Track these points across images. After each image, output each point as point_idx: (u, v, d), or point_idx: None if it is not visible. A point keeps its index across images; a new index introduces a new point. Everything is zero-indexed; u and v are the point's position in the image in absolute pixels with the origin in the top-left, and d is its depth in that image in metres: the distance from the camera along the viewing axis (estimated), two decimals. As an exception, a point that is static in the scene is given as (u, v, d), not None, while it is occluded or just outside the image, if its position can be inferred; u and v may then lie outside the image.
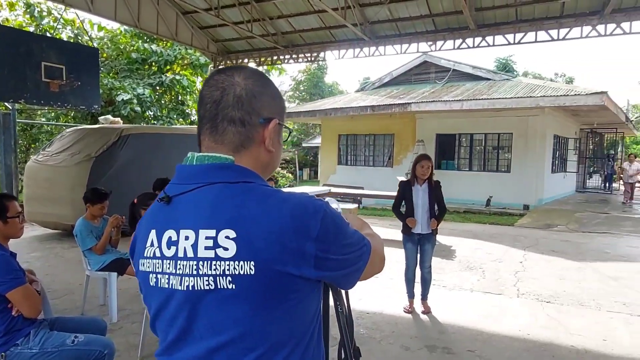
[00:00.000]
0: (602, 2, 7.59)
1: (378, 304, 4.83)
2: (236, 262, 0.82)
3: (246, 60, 11.96)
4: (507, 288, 5.51)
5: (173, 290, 0.87)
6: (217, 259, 0.83)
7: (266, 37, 10.38)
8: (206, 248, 0.84)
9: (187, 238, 0.86)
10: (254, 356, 0.84)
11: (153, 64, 16.68)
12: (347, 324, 1.33)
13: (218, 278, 0.83)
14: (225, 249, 0.82)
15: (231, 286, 0.82)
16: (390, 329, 4.18)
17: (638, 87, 54.23)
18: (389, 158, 15.70)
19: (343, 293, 1.35)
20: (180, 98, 17.07)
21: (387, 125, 15.28)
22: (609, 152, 20.48)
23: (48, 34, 12.63)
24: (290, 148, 28.68)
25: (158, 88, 16.41)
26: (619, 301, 5.04)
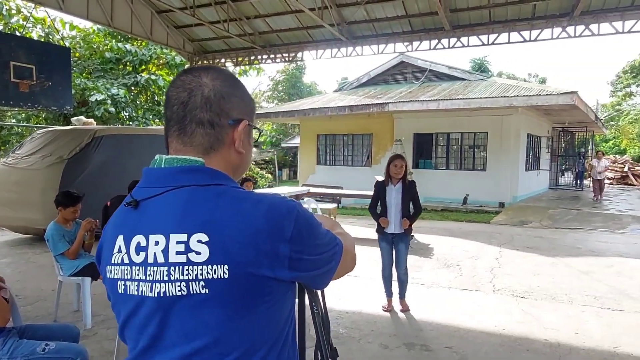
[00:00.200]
0: (572, 5, 7.81)
1: (357, 304, 4.86)
2: (209, 267, 0.80)
3: (223, 60, 11.86)
4: (484, 284, 5.62)
5: (143, 297, 0.85)
6: (189, 264, 0.81)
7: (243, 37, 10.31)
8: (177, 253, 0.82)
9: (157, 243, 0.84)
10: None
11: (128, 64, 16.37)
12: (323, 325, 1.33)
13: (190, 283, 0.81)
14: (197, 253, 0.81)
15: (204, 291, 0.81)
16: (369, 328, 4.21)
17: (607, 87, 56.08)
18: (368, 158, 15.80)
19: (319, 293, 1.35)
20: (156, 98, 16.80)
21: (366, 125, 15.38)
22: (580, 150, 21.09)
23: (17, 33, 12.27)
24: (269, 148, 28.57)
25: (133, 88, 16.11)
26: (590, 295, 5.20)
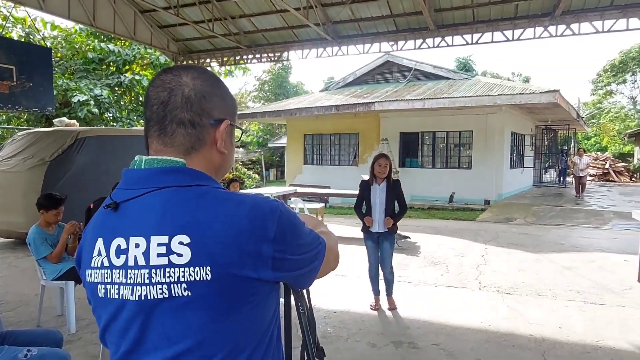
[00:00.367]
0: (553, 4, 7.94)
1: (345, 303, 4.87)
2: (191, 268, 0.80)
3: (208, 60, 11.78)
4: (470, 281, 5.68)
5: (124, 300, 0.84)
6: (171, 266, 0.80)
7: (228, 37, 10.25)
8: (159, 255, 0.81)
9: (138, 245, 0.83)
10: None
11: (111, 64, 16.16)
12: (309, 324, 1.33)
13: (172, 286, 0.80)
14: (179, 255, 0.80)
15: (186, 293, 0.80)
16: (357, 327, 4.22)
17: (588, 86, 57.13)
18: (354, 157, 15.84)
19: (304, 293, 1.34)
20: (140, 99, 16.62)
21: (352, 124, 15.42)
22: (563, 148, 21.43)
23: (-4, 33, 11.99)
24: (256, 149, 28.46)
25: (117, 89, 15.91)
26: (574, 290, 5.29)
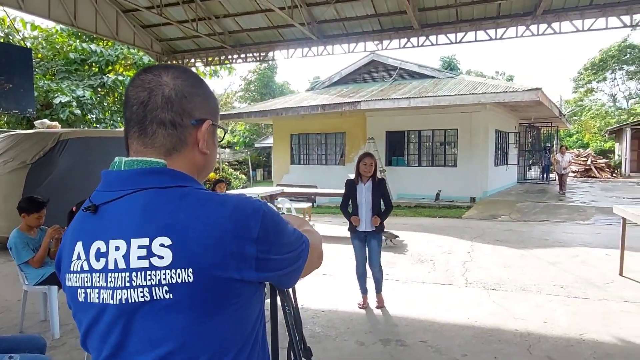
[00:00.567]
0: (534, 4, 8.06)
1: (333, 302, 4.87)
2: (173, 271, 0.79)
3: (193, 60, 11.68)
4: (456, 278, 5.73)
5: (104, 304, 0.83)
6: (152, 269, 0.79)
7: (213, 37, 10.18)
8: (139, 258, 0.80)
9: (118, 248, 0.82)
10: None
11: (93, 65, 15.93)
12: (296, 324, 1.32)
13: (154, 288, 0.79)
14: (160, 258, 0.79)
15: (168, 296, 0.79)
16: (345, 326, 4.23)
17: (570, 84, 58.19)
18: (341, 156, 15.87)
19: (290, 292, 1.34)
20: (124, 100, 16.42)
21: (338, 123, 15.45)
22: (546, 145, 21.76)
23: (-27, 33, 11.74)
24: (242, 149, 28.32)
25: (100, 90, 15.68)
26: (557, 284, 5.38)
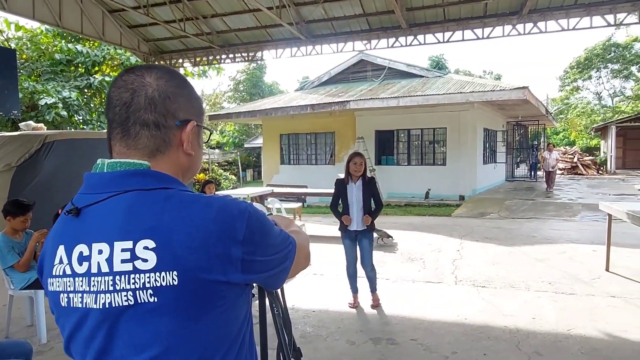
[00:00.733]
0: (520, 3, 8.14)
1: (324, 302, 4.87)
2: (157, 274, 0.78)
3: (181, 60, 11.61)
4: (446, 276, 5.77)
5: (88, 309, 0.81)
6: (136, 272, 0.78)
7: (201, 37, 10.12)
8: (123, 261, 0.79)
9: (101, 252, 0.81)
10: None
11: (79, 65, 15.72)
12: (284, 325, 1.32)
13: (138, 292, 0.78)
14: (144, 261, 0.78)
15: (153, 299, 0.78)
16: (336, 326, 4.23)
17: (556, 82, 58.94)
18: (331, 156, 15.88)
19: (279, 293, 1.34)
20: (111, 101, 16.22)
21: (328, 123, 15.46)
22: (533, 143, 22.00)
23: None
24: (232, 149, 28.20)
25: (86, 91, 15.49)
26: (545, 281, 5.44)
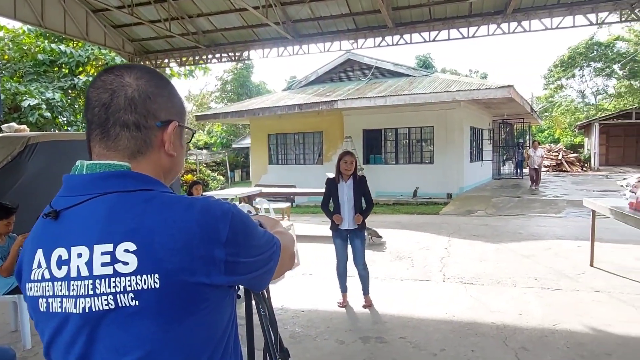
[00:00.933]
0: (505, 3, 8.23)
1: (313, 302, 4.87)
2: (138, 277, 0.77)
3: (167, 60, 11.51)
4: (434, 274, 5.81)
5: (67, 314, 0.80)
6: (116, 275, 0.77)
7: (187, 36, 10.04)
8: (103, 264, 0.78)
9: (80, 255, 0.79)
10: None
11: (63, 66, 15.49)
12: (271, 326, 1.31)
13: (118, 296, 0.77)
14: (125, 264, 0.77)
15: (134, 303, 0.77)
16: (325, 325, 4.23)
17: (541, 81, 59.80)
18: (319, 155, 15.88)
19: (265, 294, 1.33)
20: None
21: (316, 123, 15.45)
22: (519, 141, 22.27)
23: None
24: (220, 150, 28.03)
25: (70, 91, 15.28)
26: (532, 277, 5.51)
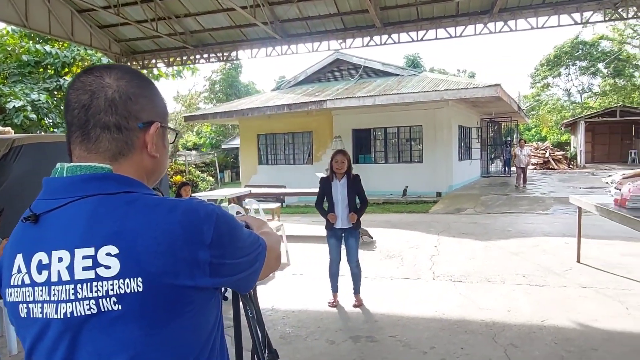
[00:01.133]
0: (491, 2, 8.30)
1: (303, 302, 4.87)
2: (121, 281, 0.76)
3: (154, 60, 11.42)
4: (424, 272, 5.84)
5: (48, 319, 0.79)
6: (98, 279, 0.76)
7: (174, 37, 9.97)
8: (84, 269, 0.77)
9: (61, 260, 0.78)
10: None
11: (49, 67, 15.28)
12: (259, 327, 1.31)
13: (101, 300, 0.76)
14: (107, 268, 0.76)
15: (117, 307, 0.76)
16: (315, 325, 4.23)
17: (527, 80, 60.44)
18: (309, 155, 15.88)
19: (253, 295, 1.32)
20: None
21: (305, 122, 15.44)
22: (507, 139, 22.47)
23: None
24: (209, 150, 27.87)
25: (56, 93, 15.06)
26: (520, 274, 5.56)
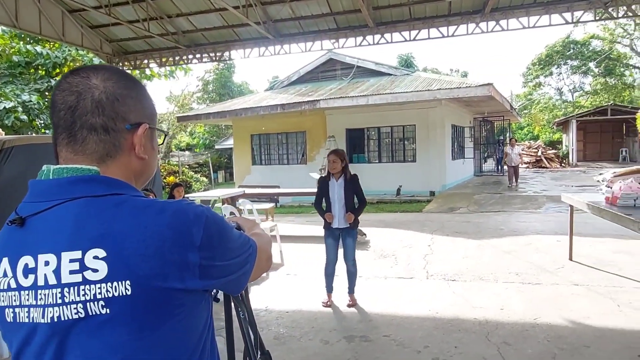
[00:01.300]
0: (483, 2, 8.33)
1: (297, 302, 4.86)
2: (109, 284, 0.75)
3: (146, 61, 11.34)
4: (418, 271, 5.85)
5: (35, 324, 0.78)
6: (86, 283, 0.75)
7: (166, 37, 9.91)
8: (71, 272, 0.76)
9: (48, 263, 0.77)
10: None
11: (39, 67, 15.14)
12: (251, 328, 1.30)
13: (88, 304, 0.75)
14: (94, 271, 0.75)
15: (105, 311, 0.75)
16: (309, 325, 4.23)
17: (519, 79, 60.92)
18: (303, 155, 15.86)
19: (244, 296, 1.32)
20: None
21: (299, 122, 15.43)
22: (499, 138, 22.58)
23: None
24: (203, 151, 27.77)
25: (47, 93, 14.93)
26: (513, 272, 5.59)
